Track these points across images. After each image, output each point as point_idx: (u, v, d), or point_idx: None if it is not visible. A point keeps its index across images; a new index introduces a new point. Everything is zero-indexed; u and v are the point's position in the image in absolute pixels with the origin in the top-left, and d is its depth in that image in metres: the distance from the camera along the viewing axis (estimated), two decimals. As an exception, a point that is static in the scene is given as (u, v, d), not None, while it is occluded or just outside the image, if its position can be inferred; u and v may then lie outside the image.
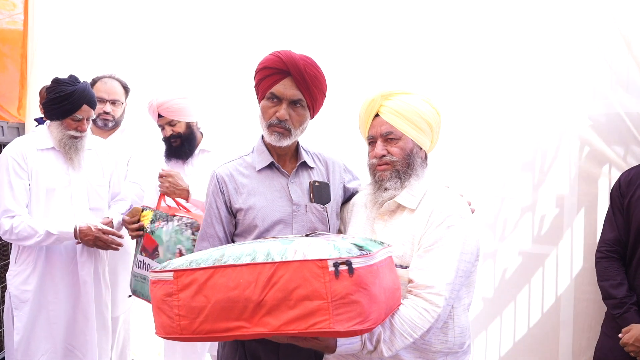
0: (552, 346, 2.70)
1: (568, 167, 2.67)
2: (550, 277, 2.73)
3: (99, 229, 2.44)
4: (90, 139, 2.62)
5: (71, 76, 2.48)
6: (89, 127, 2.55)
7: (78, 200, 2.53)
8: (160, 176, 2.56)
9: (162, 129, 2.78)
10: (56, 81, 2.44)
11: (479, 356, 2.85)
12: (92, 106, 2.51)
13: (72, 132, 2.46)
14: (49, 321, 2.45)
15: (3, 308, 2.59)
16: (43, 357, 2.44)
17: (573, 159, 2.66)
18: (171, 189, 2.53)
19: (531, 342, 2.76)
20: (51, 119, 2.49)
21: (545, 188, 2.72)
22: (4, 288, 2.58)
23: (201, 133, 2.90)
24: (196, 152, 2.86)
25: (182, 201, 2.56)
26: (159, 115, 2.73)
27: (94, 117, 2.62)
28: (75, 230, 2.40)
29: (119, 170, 2.76)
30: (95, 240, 2.43)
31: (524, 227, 2.77)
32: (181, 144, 2.78)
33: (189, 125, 2.79)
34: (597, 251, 2.43)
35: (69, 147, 2.48)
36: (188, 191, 2.55)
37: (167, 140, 2.79)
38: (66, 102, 2.41)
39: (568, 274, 2.68)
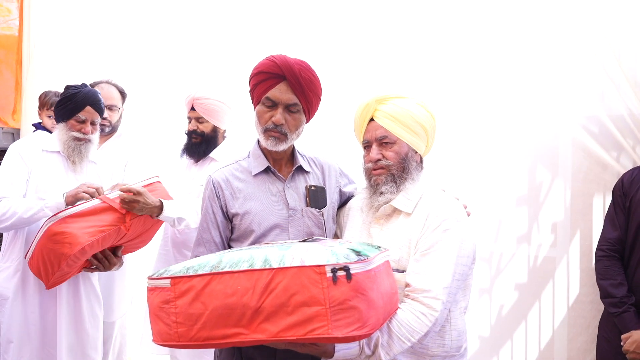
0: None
1: (563, 190, 2.69)
2: (546, 309, 2.74)
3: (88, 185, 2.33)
4: (96, 152, 2.62)
5: (82, 83, 2.53)
6: (95, 135, 2.54)
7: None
8: (127, 191, 2.29)
9: (190, 121, 2.79)
10: (67, 86, 2.50)
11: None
12: (97, 109, 2.50)
13: (75, 134, 2.46)
14: (27, 322, 2.43)
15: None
16: (24, 358, 2.42)
17: (567, 175, 2.67)
18: (141, 207, 2.30)
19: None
20: (58, 122, 2.51)
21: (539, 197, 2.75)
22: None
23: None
24: (204, 160, 2.85)
25: None
26: (192, 108, 2.75)
27: (96, 123, 2.55)
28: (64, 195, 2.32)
29: (115, 179, 2.70)
30: (81, 188, 2.31)
31: (520, 258, 2.79)
32: (200, 143, 2.78)
33: (214, 129, 2.80)
34: (598, 249, 2.42)
35: (72, 150, 2.48)
36: (160, 207, 2.38)
37: (188, 134, 2.80)
38: (70, 102, 2.44)
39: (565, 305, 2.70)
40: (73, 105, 2.44)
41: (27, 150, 2.47)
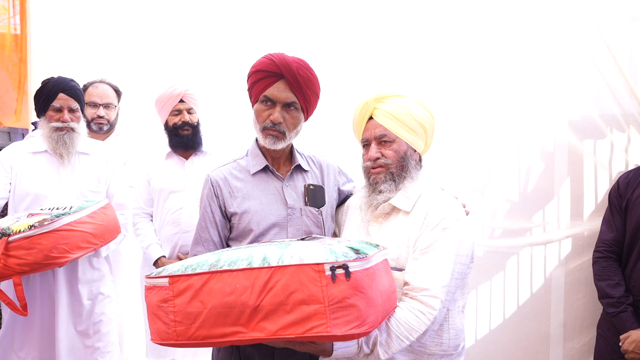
0: (543, 319, 2.73)
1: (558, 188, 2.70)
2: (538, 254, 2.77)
3: None
4: (87, 142, 2.56)
5: (58, 76, 2.49)
6: (79, 125, 2.47)
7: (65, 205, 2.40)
8: None
9: (177, 114, 2.80)
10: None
11: (470, 313, 2.88)
12: (71, 95, 2.42)
13: (55, 124, 2.40)
14: (25, 324, 2.38)
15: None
16: (22, 351, 2.37)
17: (562, 159, 2.69)
18: None
19: (522, 313, 2.80)
20: (39, 118, 2.46)
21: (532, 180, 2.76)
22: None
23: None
24: (198, 152, 2.90)
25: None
26: (181, 101, 2.78)
27: (76, 110, 2.46)
28: None
29: (117, 176, 2.60)
30: None
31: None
32: (193, 134, 2.83)
33: (198, 121, 2.87)
34: (595, 251, 2.45)
35: (56, 142, 2.41)
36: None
37: (175, 129, 2.81)
38: (42, 94, 2.41)
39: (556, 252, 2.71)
40: (45, 96, 2.40)
41: (9, 156, 2.42)
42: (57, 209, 2.17)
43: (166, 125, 2.85)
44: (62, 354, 2.37)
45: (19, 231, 2.00)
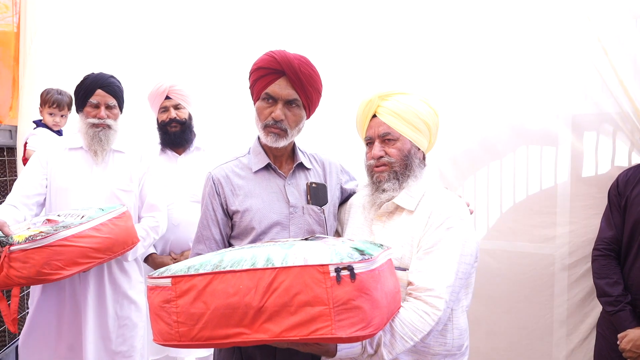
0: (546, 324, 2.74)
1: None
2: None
3: None
4: (123, 140, 2.54)
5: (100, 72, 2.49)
6: (115, 122, 2.45)
7: (93, 202, 2.36)
8: None
9: (164, 111, 2.78)
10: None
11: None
12: (108, 91, 2.41)
13: (91, 120, 2.39)
14: (48, 324, 2.37)
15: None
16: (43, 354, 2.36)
17: (564, 173, 2.69)
18: None
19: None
20: (78, 113, 2.46)
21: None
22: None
23: (194, 132, 2.92)
24: (191, 148, 2.88)
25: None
26: (167, 97, 2.76)
27: (113, 107, 2.44)
28: None
29: (151, 175, 2.57)
30: None
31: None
32: (182, 131, 2.80)
33: (190, 116, 2.83)
34: (595, 249, 2.45)
35: (92, 138, 2.40)
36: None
37: (164, 125, 2.79)
38: (80, 89, 2.41)
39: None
40: (83, 92, 2.39)
41: (47, 152, 2.42)
42: (71, 215, 2.12)
43: (157, 122, 2.85)
44: (88, 356, 2.35)
45: (18, 242, 1.93)
